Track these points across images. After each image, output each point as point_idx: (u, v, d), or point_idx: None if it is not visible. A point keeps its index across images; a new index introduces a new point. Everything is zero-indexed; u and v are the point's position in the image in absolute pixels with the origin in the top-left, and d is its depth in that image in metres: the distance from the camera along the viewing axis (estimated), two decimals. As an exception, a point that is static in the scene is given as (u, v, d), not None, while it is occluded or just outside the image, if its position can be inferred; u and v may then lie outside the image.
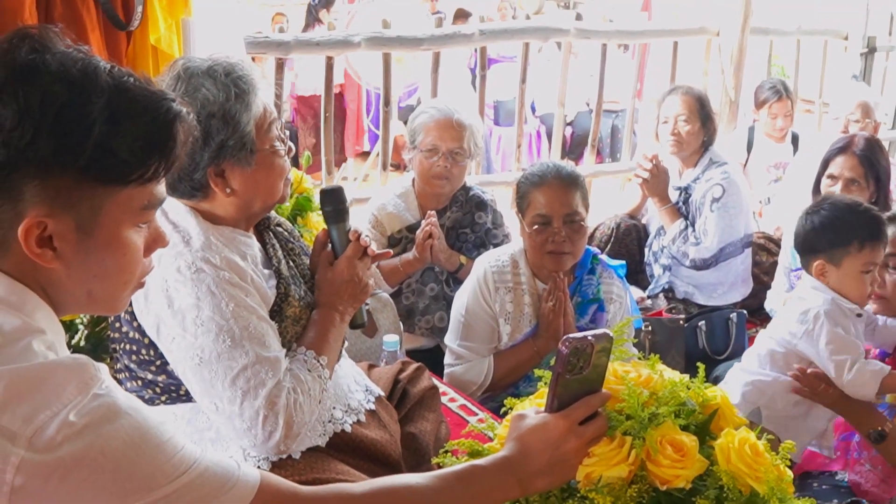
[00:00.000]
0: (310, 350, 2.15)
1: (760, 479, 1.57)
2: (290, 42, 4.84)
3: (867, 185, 3.76)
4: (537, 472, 1.55)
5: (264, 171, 2.11)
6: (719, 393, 1.73)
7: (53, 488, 1.19)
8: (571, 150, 8.70)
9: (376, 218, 3.79)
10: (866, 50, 7.12)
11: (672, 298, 4.45)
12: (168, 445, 1.29)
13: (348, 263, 2.24)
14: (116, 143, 1.28)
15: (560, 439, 1.55)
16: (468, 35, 5.50)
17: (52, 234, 1.28)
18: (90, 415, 1.21)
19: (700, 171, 4.36)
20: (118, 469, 1.23)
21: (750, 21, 6.19)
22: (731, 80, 6.25)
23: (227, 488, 1.33)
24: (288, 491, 1.42)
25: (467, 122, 3.69)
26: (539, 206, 3.16)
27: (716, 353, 4.12)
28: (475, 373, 3.25)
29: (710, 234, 4.25)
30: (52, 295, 1.34)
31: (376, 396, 2.44)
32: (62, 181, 1.27)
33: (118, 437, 1.23)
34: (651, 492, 1.57)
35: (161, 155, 1.34)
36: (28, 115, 1.23)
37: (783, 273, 4.14)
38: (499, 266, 3.29)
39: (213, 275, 2.01)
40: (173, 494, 1.27)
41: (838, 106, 4.91)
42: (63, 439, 1.18)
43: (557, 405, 1.57)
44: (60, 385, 1.22)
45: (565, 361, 1.53)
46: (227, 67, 2.07)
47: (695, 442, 1.58)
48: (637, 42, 6.45)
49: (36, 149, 1.23)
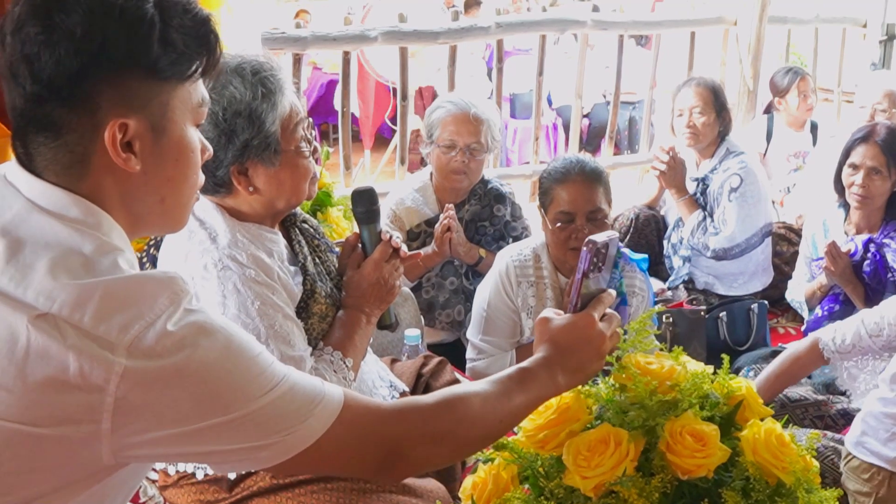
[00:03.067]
0: (336, 351, 2.16)
1: (787, 470, 1.57)
2: (307, 37, 4.87)
3: (889, 175, 3.75)
4: (575, 367, 1.63)
5: (288, 171, 2.12)
6: (744, 384, 1.73)
7: (157, 398, 1.23)
8: (588, 142, 8.67)
9: (395, 213, 3.79)
10: (885, 37, 7.11)
11: (692, 289, 4.45)
12: (259, 359, 1.34)
13: (375, 266, 2.25)
14: (174, 37, 1.33)
15: (589, 336, 1.64)
16: (485, 28, 5.52)
17: (132, 138, 1.32)
18: (187, 327, 1.26)
19: (717, 162, 4.36)
20: (217, 380, 1.28)
21: (768, 10, 6.18)
22: (748, 69, 6.24)
23: (315, 404, 1.37)
24: (371, 405, 1.48)
25: (484, 117, 3.68)
26: (562, 202, 3.16)
27: (737, 344, 4.11)
28: (497, 367, 3.24)
29: (729, 223, 4.24)
30: (127, 206, 1.38)
31: (400, 392, 2.47)
32: (132, 82, 1.31)
33: (215, 350, 1.28)
34: (675, 482, 1.57)
35: (207, 48, 1.39)
36: (95, 20, 1.26)
37: (804, 263, 4.14)
38: (521, 260, 3.30)
39: (239, 272, 2.03)
40: (268, 407, 1.32)
41: (864, 95, 4.89)
42: (162, 349, 1.22)
43: (581, 305, 1.67)
44: (153, 296, 1.25)
45: (589, 262, 1.64)
46: (255, 66, 2.08)
47: (716, 431, 1.57)
48: (654, 32, 6.43)
49: (108, 51, 1.28)
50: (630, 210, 4.67)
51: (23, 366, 1.19)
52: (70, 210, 1.31)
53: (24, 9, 1.28)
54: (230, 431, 1.29)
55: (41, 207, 1.30)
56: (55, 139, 1.31)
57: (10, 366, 1.20)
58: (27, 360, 1.19)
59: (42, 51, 1.26)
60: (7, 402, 1.20)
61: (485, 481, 1.72)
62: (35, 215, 1.29)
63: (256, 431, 1.31)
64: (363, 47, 5.45)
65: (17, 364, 1.19)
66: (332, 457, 1.41)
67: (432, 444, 1.50)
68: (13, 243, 1.26)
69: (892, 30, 7.10)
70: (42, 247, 1.26)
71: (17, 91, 1.30)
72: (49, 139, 1.31)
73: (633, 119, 8.89)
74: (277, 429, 1.33)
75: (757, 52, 6.22)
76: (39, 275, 1.23)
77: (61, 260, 1.25)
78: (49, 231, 1.28)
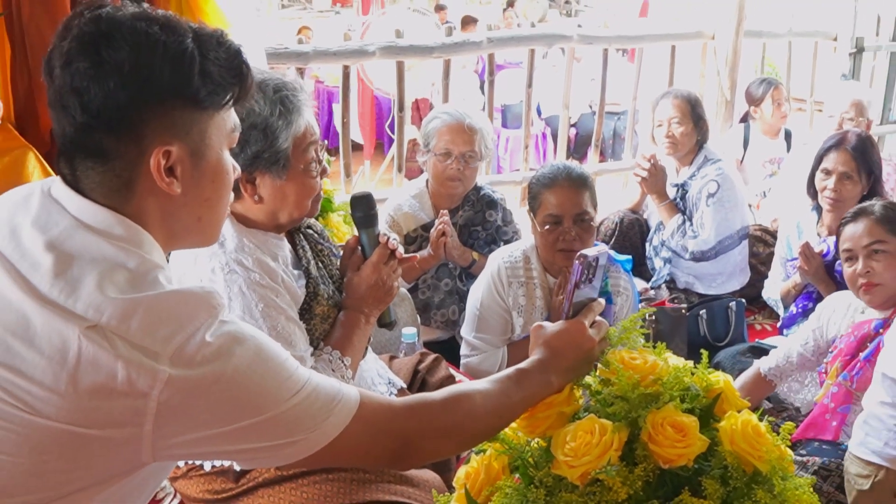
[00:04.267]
0: (335, 350, 2.16)
1: (763, 459, 1.57)
2: (309, 52, 4.86)
3: (860, 179, 3.76)
4: (567, 368, 1.69)
5: (294, 187, 2.11)
6: (722, 378, 1.73)
7: (195, 403, 1.27)
8: (575, 150, 8.68)
9: (393, 218, 3.79)
10: (854, 50, 7.10)
11: (674, 289, 4.45)
12: (287, 364, 1.40)
13: (374, 268, 2.25)
14: (211, 69, 1.37)
15: (580, 340, 1.71)
16: (477, 43, 5.52)
17: (174, 163, 1.36)
18: (223, 337, 1.30)
19: (696, 169, 4.36)
20: (250, 385, 1.32)
21: (744, 25, 6.19)
22: (726, 81, 6.25)
23: (335, 403, 1.42)
24: (385, 403, 1.52)
25: (478, 126, 3.69)
26: (550, 206, 3.16)
27: (716, 340, 4.13)
28: (490, 363, 3.27)
29: (707, 227, 4.25)
30: (168, 226, 1.42)
31: (398, 388, 2.47)
32: (175, 112, 1.35)
33: (247, 357, 1.32)
34: (657, 471, 1.57)
35: (240, 79, 1.42)
36: (141, 55, 1.30)
37: (779, 263, 4.15)
38: (511, 262, 3.30)
39: (244, 276, 2.03)
40: (295, 408, 1.37)
41: (833, 104, 4.89)
42: (202, 358, 1.27)
43: (573, 313, 1.75)
44: (193, 310, 1.29)
45: (581, 273, 1.73)
46: (278, 84, 2.08)
47: (695, 422, 1.58)
48: (636, 46, 6.44)
49: (153, 84, 1.32)
50: (615, 214, 4.68)
51: (74, 372, 1.22)
52: (115, 229, 1.34)
53: (72, 44, 1.31)
54: (260, 431, 1.34)
55: (88, 225, 1.33)
56: (103, 164, 1.35)
57: (62, 372, 1.22)
58: (78, 367, 1.22)
59: (91, 84, 1.30)
60: (58, 406, 1.23)
61: (477, 471, 1.73)
62: (82, 232, 1.32)
63: (284, 430, 1.37)
64: (362, 61, 5.45)
65: (68, 371, 1.22)
66: (351, 450, 1.46)
67: (440, 437, 1.57)
68: (63, 257, 1.29)
69: (860, 43, 7.10)
70: (89, 262, 1.29)
71: (67, 120, 1.34)
72: (97, 164, 1.35)
73: (616, 128, 8.90)
74: (302, 427, 1.38)
75: (734, 65, 6.23)
76: (88, 288, 1.26)
77: (107, 275, 1.28)
78: (95, 248, 1.31)
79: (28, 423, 1.24)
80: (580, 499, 1.55)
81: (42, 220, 1.34)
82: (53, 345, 1.23)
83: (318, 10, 21.61)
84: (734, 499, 1.55)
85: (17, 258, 1.31)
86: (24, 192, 1.41)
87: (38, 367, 1.23)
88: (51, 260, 1.28)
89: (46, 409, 1.23)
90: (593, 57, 6.91)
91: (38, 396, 1.23)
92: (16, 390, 1.24)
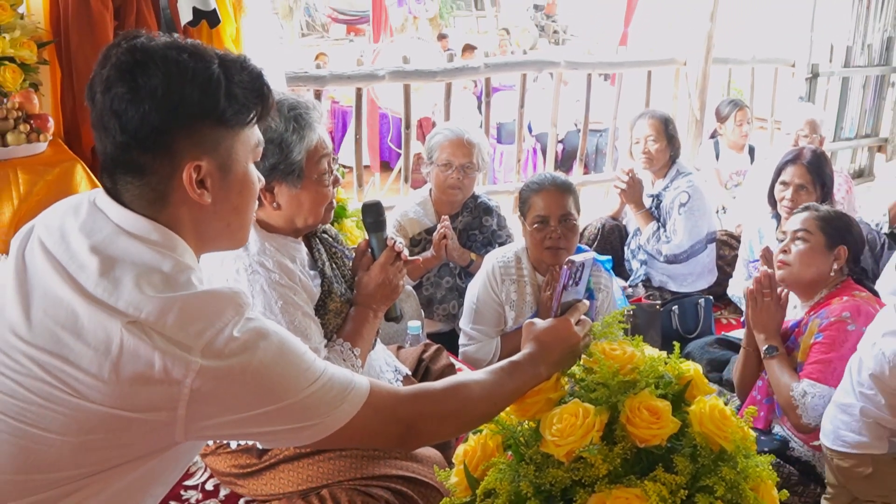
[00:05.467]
0: (346, 342, 2.16)
1: (728, 439, 1.56)
2: (326, 76, 4.86)
3: (814, 190, 3.75)
4: (555, 361, 1.70)
5: (308, 195, 2.10)
6: (692, 366, 1.73)
7: (224, 390, 1.28)
8: (562, 164, 8.65)
9: (399, 223, 3.79)
10: (810, 75, 7.10)
11: (649, 287, 4.43)
12: (305, 356, 1.40)
13: (381, 269, 2.23)
14: (236, 91, 1.37)
15: (567, 336, 1.72)
16: (475, 68, 5.53)
17: (204, 176, 1.37)
18: (248, 332, 1.31)
19: (669, 181, 4.36)
20: (273, 375, 1.33)
21: (712, 52, 6.19)
22: (696, 102, 6.25)
23: (348, 392, 1.43)
24: (392, 391, 1.52)
25: (476, 141, 3.70)
26: (538, 208, 3.18)
27: (687, 333, 4.14)
28: (485, 351, 3.27)
29: (679, 233, 4.24)
30: (199, 232, 1.42)
31: (404, 375, 2.46)
32: (204, 130, 1.36)
33: (271, 350, 1.33)
34: (634, 450, 1.56)
35: (263, 98, 1.43)
36: (173, 81, 1.31)
37: (742, 264, 4.15)
38: (504, 261, 3.30)
39: (265, 276, 2.02)
40: (312, 395, 1.37)
41: (789, 123, 4.88)
42: (230, 351, 1.27)
43: (560, 312, 1.76)
44: (222, 308, 1.30)
45: (568, 277, 1.75)
46: (292, 104, 2.07)
47: (668, 406, 1.58)
48: (616, 71, 6.44)
49: (184, 106, 1.32)
50: (597, 220, 4.67)
51: (117, 362, 1.23)
52: (152, 235, 1.35)
53: (111, 72, 1.32)
54: (281, 416, 1.35)
55: (128, 232, 1.34)
56: (140, 179, 1.35)
57: (106, 361, 1.24)
58: (121, 357, 1.23)
59: (129, 108, 1.30)
60: (103, 391, 1.24)
61: (474, 449, 1.72)
62: (122, 238, 1.33)
63: (302, 415, 1.37)
64: (373, 84, 5.44)
65: (112, 360, 1.23)
66: (361, 433, 1.47)
67: (441, 421, 1.57)
68: (106, 260, 1.30)
69: (815, 69, 7.10)
70: (129, 264, 1.30)
71: (108, 139, 1.34)
72: (135, 179, 1.35)
73: (599, 144, 8.87)
74: (319, 413, 1.39)
75: (703, 88, 6.23)
76: (128, 287, 1.27)
77: (145, 276, 1.29)
78: (134, 252, 1.32)
79: (75, 406, 1.25)
80: (565, 474, 1.55)
81: (88, 227, 1.35)
82: (98, 337, 1.24)
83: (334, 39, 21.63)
84: (702, 474, 1.54)
85: (66, 260, 1.31)
86: (75, 202, 1.42)
87: (86, 357, 1.24)
88: (96, 262, 1.29)
89: (92, 394, 1.24)
90: (578, 81, 6.88)
91: (84, 383, 1.24)
92: (65, 377, 1.25)
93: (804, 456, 2.68)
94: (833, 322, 2.65)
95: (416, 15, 17.13)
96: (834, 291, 2.80)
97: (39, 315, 1.29)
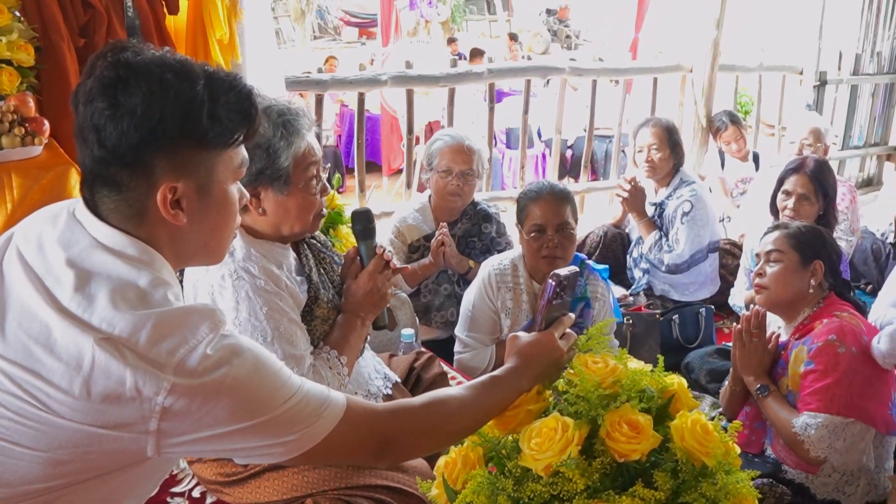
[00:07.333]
0: (333, 350, 2.15)
1: (709, 455, 1.55)
2: (328, 80, 4.87)
3: (817, 200, 3.73)
4: (537, 375, 1.70)
5: (295, 202, 2.08)
6: (676, 380, 1.71)
7: (196, 407, 1.26)
8: (571, 170, 8.63)
9: (398, 229, 3.79)
10: (818, 83, 7.07)
11: (651, 295, 4.42)
12: (281, 373, 1.38)
13: (369, 277, 2.22)
14: (220, 113, 1.35)
15: (550, 350, 1.71)
16: (478, 73, 5.53)
17: (180, 197, 1.35)
18: (222, 350, 1.29)
19: (672, 190, 4.35)
20: (246, 392, 1.31)
21: (718, 59, 6.18)
22: (702, 109, 6.23)
23: (324, 408, 1.41)
24: (368, 408, 1.51)
25: (476, 147, 3.70)
26: (535, 217, 3.16)
27: (687, 342, 4.12)
28: (480, 359, 3.26)
29: (681, 242, 4.23)
30: (176, 250, 1.41)
31: (393, 382, 2.45)
32: (184, 151, 1.34)
33: (245, 367, 1.31)
34: (613, 464, 1.55)
35: (249, 120, 1.41)
36: (153, 100, 1.29)
37: (744, 274, 4.12)
38: (501, 269, 3.28)
39: (251, 282, 2.01)
40: (287, 412, 1.36)
41: (794, 132, 4.87)
42: (203, 369, 1.26)
43: (545, 326, 1.75)
44: (196, 325, 1.29)
45: (554, 291, 1.73)
46: (281, 110, 2.05)
47: (649, 421, 1.56)
48: (622, 78, 6.42)
49: (164, 126, 1.30)
50: (599, 228, 4.68)
51: (88, 378, 1.22)
52: (128, 249, 1.34)
53: (94, 84, 1.31)
54: (254, 433, 1.34)
55: (105, 245, 1.33)
56: (117, 194, 1.34)
57: (77, 377, 1.23)
58: (92, 374, 1.22)
59: (108, 123, 1.29)
60: (74, 408, 1.23)
61: (455, 461, 1.72)
62: (99, 252, 1.33)
63: (276, 432, 1.36)
64: (375, 89, 5.43)
65: (83, 377, 1.23)
66: (337, 449, 1.46)
67: (418, 437, 1.56)
68: (82, 274, 1.29)
69: (824, 76, 7.06)
70: (104, 279, 1.29)
71: (87, 152, 1.34)
72: (112, 193, 1.34)
73: (609, 150, 8.84)
74: (293, 430, 1.37)
75: (709, 95, 6.22)
76: (102, 303, 1.26)
77: (120, 291, 1.28)
78: (111, 266, 1.31)
79: (45, 421, 1.25)
80: (544, 488, 1.54)
81: (65, 239, 1.34)
82: (71, 353, 1.23)
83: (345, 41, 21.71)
84: (683, 490, 1.53)
85: (42, 272, 1.31)
86: (54, 211, 1.41)
87: (57, 372, 1.24)
88: (72, 275, 1.29)
89: (62, 410, 1.24)
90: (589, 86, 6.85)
91: (55, 398, 1.24)
92: (35, 391, 1.24)
93: (797, 478, 2.64)
94: (822, 347, 2.59)
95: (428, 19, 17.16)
96: (817, 311, 2.75)
97: (13, 328, 1.28)
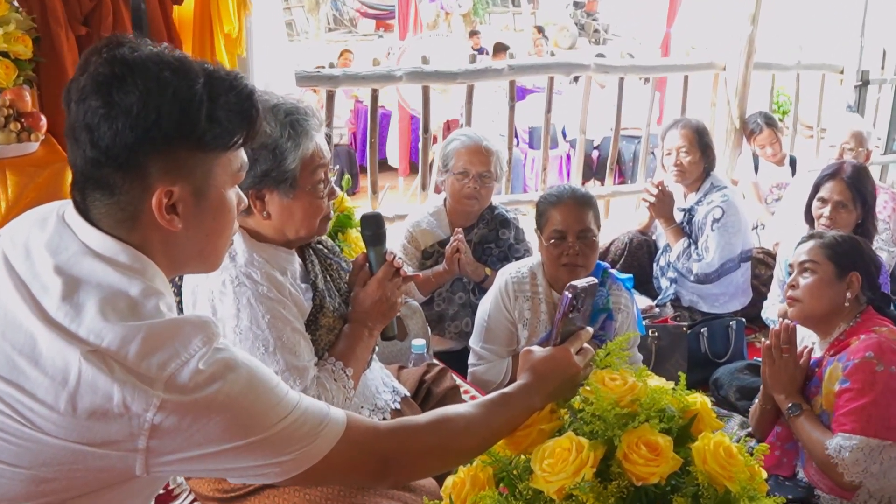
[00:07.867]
0: (338, 361, 2.14)
1: (733, 479, 1.53)
2: (339, 76, 4.87)
3: (854, 208, 3.70)
4: (551, 392, 1.68)
5: (301, 205, 2.08)
6: (699, 399, 1.70)
7: (187, 425, 1.25)
8: (597, 172, 8.61)
9: (411, 234, 3.79)
10: (860, 83, 7.01)
11: (678, 306, 4.40)
12: (277, 389, 1.37)
13: (378, 285, 2.21)
14: (219, 114, 1.34)
15: (565, 366, 1.70)
16: (499, 70, 5.51)
17: (175, 202, 1.35)
18: (216, 364, 1.28)
19: (702, 195, 4.33)
20: (240, 409, 1.30)
21: (753, 57, 6.14)
22: (735, 110, 6.19)
23: (322, 427, 1.40)
24: (370, 426, 1.50)
25: (494, 148, 3.69)
26: (556, 222, 3.15)
27: (716, 357, 4.08)
28: (495, 372, 3.25)
29: (711, 251, 4.21)
30: (170, 256, 1.40)
31: (402, 396, 2.44)
32: (181, 153, 1.33)
33: (239, 383, 1.30)
34: (630, 488, 1.54)
35: (249, 122, 1.40)
36: (150, 99, 1.28)
37: (778, 285, 4.08)
38: (519, 277, 3.27)
39: (252, 289, 2.01)
40: (283, 431, 1.35)
41: (834, 135, 4.83)
42: (195, 385, 1.25)
43: (560, 340, 1.74)
44: (188, 338, 1.27)
45: (570, 304, 1.71)
46: (289, 108, 2.05)
47: (669, 442, 1.54)
48: (651, 76, 6.40)
49: (160, 126, 1.29)
50: (625, 234, 4.64)
51: (74, 393, 1.21)
52: (120, 256, 1.33)
53: (88, 81, 1.30)
54: (249, 452, 1.33)
55: (95, 252, 1.33)
56: (110, 197, 1.33)
57: (62, 392, 1.22)
58: (78, 389, 1.21)
59: (101, 123, 1.29)
60: (57, 423, 1.23)
61: (463, 481, 1.70)
62: (88, 258, 1.32)
63: (272, 451, 1.35)
64: (389, 85, 5.43)
65: (69, 391, 1.22)
66: (336, 470, 1.45)
67: (421, 456, 1.56)
68: (70, 282, 1.28)
69: (866, 76, 7.01)
70: (94, 287, 1.28)
71: (79, 152, 1.33)
72: (104, 196, 1.33)
73: (637, 152, 8.82)
74: (290, 449, 1.36)
75: (743, 95, 6.18)
76: (91, 314, 1.25)
77: (110, 300, 1.27)
78: (101, 273, 1.30)
79: (28, 437, 1.24)
80: (556, 512, 1.53)
81: (54, 244, 1.34)
82: (56, 366, 1.22)
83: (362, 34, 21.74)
84: (704, 516, 1.52)
85: (29, 279, 1.30)
86: (43, 214, 1.41)
87: (41, 386, 1.23)
88: (59, 283, 1.28)
89: (46, 426, 1.23)
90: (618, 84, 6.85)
91: (38, 413, 1.23)
92: (18, 406, 1.24)
93: (829, 504, 2.62)
94: (858, 364, 2.55)
95: (449, 10, 17.18)
96: (853, 326, 2.72)
97: None
